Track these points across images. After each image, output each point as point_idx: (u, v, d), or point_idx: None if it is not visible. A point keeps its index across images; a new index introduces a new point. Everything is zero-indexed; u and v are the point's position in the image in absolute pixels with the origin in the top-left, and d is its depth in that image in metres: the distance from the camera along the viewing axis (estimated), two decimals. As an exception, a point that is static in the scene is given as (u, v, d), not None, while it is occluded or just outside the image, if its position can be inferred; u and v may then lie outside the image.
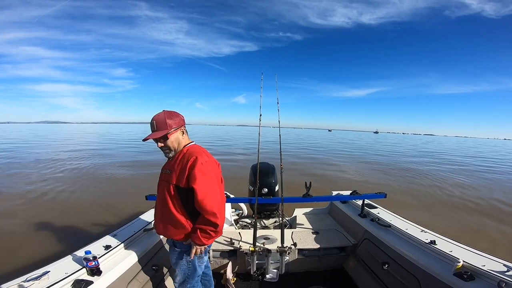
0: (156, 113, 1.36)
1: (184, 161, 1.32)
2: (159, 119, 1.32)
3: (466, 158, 18.47)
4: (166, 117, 1.32)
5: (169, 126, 1.32)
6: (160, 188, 1.43)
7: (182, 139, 1.40)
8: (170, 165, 1.38)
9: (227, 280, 2.01)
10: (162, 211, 1.40)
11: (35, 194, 5.69)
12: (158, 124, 1.31)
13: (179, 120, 1.37)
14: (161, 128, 1.31)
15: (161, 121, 1.31)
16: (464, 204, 5.98)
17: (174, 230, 1.38)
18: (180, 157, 1.36)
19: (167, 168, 1.41)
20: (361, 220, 2.33)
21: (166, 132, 1.31)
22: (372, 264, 1.99)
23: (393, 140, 45.12)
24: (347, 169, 10.55)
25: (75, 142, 21.58)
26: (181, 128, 1.39)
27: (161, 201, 1.40)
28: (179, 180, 1.30)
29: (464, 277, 1.34)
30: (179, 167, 1.33)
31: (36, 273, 1.25)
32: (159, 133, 1.31)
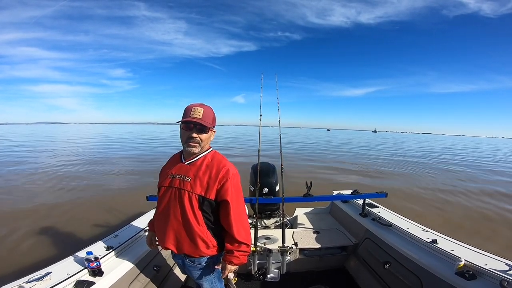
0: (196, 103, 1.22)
1: (213, 170, 1.17)
2: (208, 111, 1.20)
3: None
4: (212, 114, 1.22)
5: (212, 123, 1.22)
6: (172, 196, 1.19)
7: (211, 139, 1.28)
8: (191, 171, 1.19)
9: (228, 280, 2.00)
10: (176, 224, 1.18)
11: (35, 195, 5.68)
12: (206, 114, 1.18)
13: (215, 121, 1.27)
14: (208, 120, 1.19)
15: (210, 114, 1.20)
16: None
17: (193, 248, 1.20)
18: (205, 163, 1.20)
19: (184, 173, 1.19)
20: (362, 220, 2.34)
21: (211, 126, 1.21)
22: (374, 263, 1.99)
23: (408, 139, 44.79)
24: (348, 169, 10.57)
25: (74, 142, 21.53)
26: (214, 128, 1.28)
27: (176, 212, 1.17)
28: (207, 191, 1.16)
29: (466, 276, 1.34)
30: (206, 175, 1.17)
31: (38, 274, 1.25)
32: (206, 123, 1.17)
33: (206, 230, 1.20)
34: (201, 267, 1.27)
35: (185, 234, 1.19)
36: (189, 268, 1.30)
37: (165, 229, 1.21)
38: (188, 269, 1.31)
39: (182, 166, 1.22)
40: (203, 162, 1.21)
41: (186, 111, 1.19)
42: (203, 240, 1.20)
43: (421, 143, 38.74)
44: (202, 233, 1.19)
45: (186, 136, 1.18)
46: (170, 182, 1.21)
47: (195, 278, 1.32)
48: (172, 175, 1.22)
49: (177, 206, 1.18)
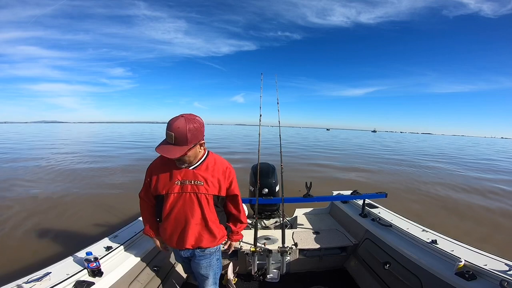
0: (173, 118, 1.13)
1: (220, 171, 1.31)
2: (179, 133, 1.10)
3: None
4: (188, 130, 1.11)
5: (190, 142, 1.13)
6: (187, 201, 1.26)
7: (201, 151, 1.27)
8: (199, 175, 1.26)
9: (228, 280, 2.00)
10: (195, 224, 1.28)
11: (34, 196, 5.66)
12: (177, 139, 1.11)
13: (200, 132, 1.17)
14: (181, 143, 1.12)
15: (182, 136, 1.10)
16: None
17: (211, 240, 1.35)
18: (210, 166, 1.29)
19: (192, 178, 1.25)
20: (362, 220, 2.34)
21: (186, 149, 1.13)
22: (373, 264, 1.99)
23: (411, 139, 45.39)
24: (348, 169, 10.58)
25: (73, 142, 21.49)
26: (202, 141, 1.22)
27: (195, 214, 1.27)
28: (220, 190, 1.32)
29: (466, 277, 1.34)
30: (216, 177, 1.29)
31: (38, 274, 1.25)
32: (177, 151, 1.11)
33: (218, 221, 1.37)
34: (208, 256, 1.40)
35: (205, 231, 1.32)
36: (199, 259, 1.40)
37: (183, 232, 1.30)
38: (197, 261, 1.40)
39: (187, 172, 1.27)
40: (207, 165, 1.30)
41: (165, 132, 1.15)
42: (218, 231, 1.37)
43: (419, 142, 38.95)
44: (217, 225, 1.36)
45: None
46: (181, 188, 1.26)
47: (202, 267, 1.42)
48: (180, 181, 1.26)
49: (195, 209, 1.28)
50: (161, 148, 1.13)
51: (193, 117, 1.16)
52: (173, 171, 1.27)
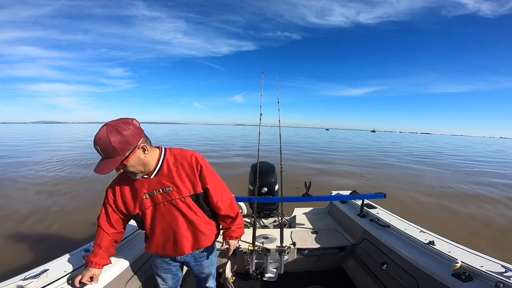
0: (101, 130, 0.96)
1: (185, 165, 1.16)
2: (103, 145, 0.94)
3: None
4: (112, 140, 0.94)
5: (121, 151, 0.96)
6: (164, 211, 1.16)
7: (147, 155, 1.07)
8: (165, 181, 1.13)
9: (226, 279, 2.01)
10: (184, 231, 1.20)
11: (32, 194, 5.65)
12: (104, 152, 0.96)
13: (132, 136, 0.99)
14: (111, 155, 0.96)
15: (107, 147, 0.94)
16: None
17: (207, 239, 1.29)
18: (173, 165, 1.15)
19: (159, 187, 1.13)
20: (360, 220, 2.34)
21: (120, 159, 0.98)
22: (371, 264, 2.00)
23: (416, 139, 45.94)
24: (347, 168, 10.60)
25: (73, 141, 21.42)
26: (140, 145, 1.03)
27: (179, 221, 1.18)
28: (194, 187, 1.17)
29: (462, 278, 1.34)
30: (183, 174, 1.15)
31: (35, 271, 1.24)
32: (110, 164, 0.97)
33: (207, 218, 1.28)
34: (207, 255, 1.37)
35: (198, 233, 1.25)
36: (201, 260, 1.36)
37: (176, 241, 1.22)
38: (199, 263, 1.37)
39: (151, 181, 1.13)
40: (168, 166, 1.14)
41: None
42: (211, 228, 1.30)
43: (416, 143, 39.16)
44: (207, 223, 1.27)
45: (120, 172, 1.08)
46: (152, 201, 1.15)
47: (205, 267, 1.40)
48: (147, 194, 1.14)
49: (178, 217, 1.18)
50: (96, 167, 0.98)
51: (118, 123, 0.98)
52: (135, 186, 1.14)
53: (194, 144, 19.51)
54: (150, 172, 1.12)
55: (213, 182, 1.22)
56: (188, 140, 23.59)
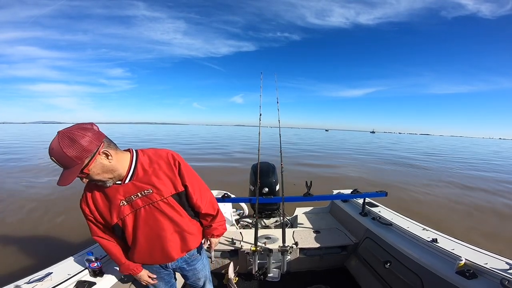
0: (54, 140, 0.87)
1: (161, 164, 1.09)
2: (57, 155, 0.86)
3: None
4: (66, 150, 0.85)
5: (79, 159, 0.88)
6: (145, 217, 1.08)
7: (113, 160, 0.98)
8: (143, 184, 1.06)
9: (229, 280, 2.01)
10: (170, 235, 1.15)
11: (35, 195, 5.64)
12: (61, 162, 0.88)
13: (88, 142, 0.89)
14: (69, 165, 0.88)
15: (62, 157, 0.86)
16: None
17: (195, 239, 1.25)
18: (148, 165, 1.08)
19: (137, 191, 1.05)
20: (362, 219, 2.34)
21: (79, 168, 0.89)
22: (374, 262, 1.99)
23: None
24: (348, 168, 10.60)
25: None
26: (100, 150, 0.93)
27: (163, 225, 1.12)
28: (175, 185, 1.12)
29: (467, 275, 1.34)
30: (161, 173, 1.09)
31: (39, 275, 1.25)
32: (69, 174, 0.89)
33: (190, 218, 1.22)
34: (200, 256, 1.35)
35: (186, 234, 1.19)
36: (194, 262, 1.32)
37: (163, 247, 1.15)
38: (192, 266, 1.33)
39: (127, 187, 1.05)
40: (143, 167, 1.07)
41: None
42: (195, 228, 1.26)
43: (413, 144, 39.23)
44: (191, 222, 1.23)
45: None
46: (131, 207, 1.07)
47: (199, 270, 1.37)
48: (124, 201, 1.05)
49: (162, 220, 1.11)
50: (58, 179, 0.90)
51: (72, 130, 0.89)
52: (109, 194, 1.05)
53: (194, 144, 19.52)
54: (123, 177, 1.04)
55: (192, 179, 1.17)
56: (188, 139, 23.65)
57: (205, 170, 8.65)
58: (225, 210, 2.72)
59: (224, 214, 2.73)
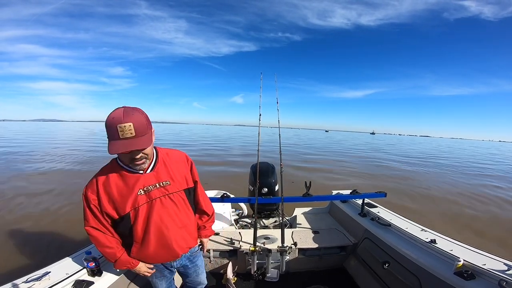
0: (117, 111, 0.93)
1: (178, 160, 1.21)
2: (139, 120, 0.94)
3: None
4: (143, 117, 0.97)
5: (149, 127, 1.00)
6: (159, 207, 1.12)
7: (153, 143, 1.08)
8: (161, 175, 1.12)
9: (227, 280, 2.01)
10: (178, 228, 1.17)
11: (33, 194, 5.63)
12: (139, 127, 0.94)
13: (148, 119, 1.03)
14: (144, 131, 0.96)
15: (142, 122, 0.96)
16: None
17: (196, 236, 1.32)
18: (167, 159, 1.17)
19: (156, 181, 1.11)
20: (361, 219, 2.34)
21: (151, 136, 1.01)
22: (373, 263, 1.99)
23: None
24: (347, 169, 10.61)
25: (74, 140, 21.40)
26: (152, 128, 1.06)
27: (174, 218, 1.15)
28: (187, 181, 1.22)
29: (465, 276, 1.34)
30: (178, 168, 1.18)
31: (37, 274, 1.25)
32: (145, 140, 0.97)
33: (193, 215, 1.31)
34: (199, 253, 1.40)
35: (190, 230, 1.26)
36: (195, 259, 1.37)
37: (170, 242, 1.15)
38: (193, 264, 1.37)
39: (147, 177, 1.09)
40: (164, 161, 1.16)
41: (109, 130, 0.93)
42: (195, 225, 1.33)
43: (403, 146, 39.34)
44: (194, 220, 1.31)
45: (128, 158, 1.01)
46: (147, 197, 1.09)
47: (200, 266, 1.42)
48: (143, 190, 1.08)
49: (174, 213, 1.15)
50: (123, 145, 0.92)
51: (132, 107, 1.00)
52: (128, 183, 1.07)
53: (194, 144, 19.53)
54: (148, 166, 1.09)
55: (198, 178, 1.31)
56: (188, 138, 23.65)
57: (204, 170, 8.65)
58: (224, 210, 2.72)
59: (223, 214, 2.74)
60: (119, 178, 1.06)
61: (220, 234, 2.34)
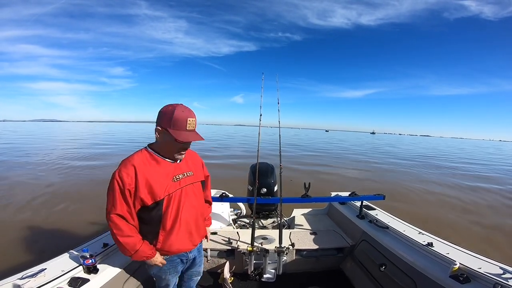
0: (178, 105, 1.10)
1: (194, 157, 1.38)
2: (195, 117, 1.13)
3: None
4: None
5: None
6: (186, 195, 1.22)
7: None
8: (186, 166, 1.26)
9: (224, 279, 2.00)
10: (198, 216, 1.31)
11: (31, 192, 5.62)
12: (195, 123, 1.14)
13: None
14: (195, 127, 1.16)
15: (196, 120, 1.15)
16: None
17: (205, 228, 1.44)
18: (187, 156, 1.29)
19: (184, 171, 1.24)
20: (359, 221, 2.34)
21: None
22: (369, 265, 2.00)
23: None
24: (345, 170, 10.61)
25: (73, 140, 21.37)
26: None
27: (196, 205, 1.28)
28: (202, 174, 1.38)
29: (460, 279, 1.35)
30: (195, 163, 1.35)
31: (32, 271, 1.24)
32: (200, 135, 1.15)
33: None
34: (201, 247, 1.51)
35: (203, 219, 1.41)
36: (201, 253, 1.48)
37: (193, 229, 1.27)
38: (199, 257, 1.46)
39: (178, 166, 1.22)
40: (186, 155, 1.28)
41: (178, 121, 1.07)
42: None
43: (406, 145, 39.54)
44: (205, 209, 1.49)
45: (178, 147, 1.14)
46: (179, 184, 1.19)
47: (203, 256, 1.52)
48: (175, 178, 1.18)
49: (196, 201, 1.30)
50: (190, 135, 1.10)
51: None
52: (164, 169, 1.15)
53: (195, 144, 19.42)
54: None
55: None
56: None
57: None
58: (222, 209, 2.71)
59: (221, 213, 2.73)
60: (156, 164, 1.14)
61: (218, 233, 2.34)
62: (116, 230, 1.10)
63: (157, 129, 1.11)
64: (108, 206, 1.10)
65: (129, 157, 1.12)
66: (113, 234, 1.12)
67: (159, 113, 1.11)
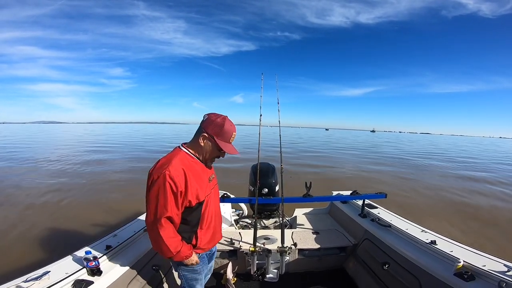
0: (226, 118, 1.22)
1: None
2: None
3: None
4: None
5: None
6: (214, 196, 1.36)
7: None
8: (211, 170, 1.37)
9: (227, 280, 2.00)
10: (219, 216, 1.44)
11: (34, 195, 5.63)
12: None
13: None
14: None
15: None
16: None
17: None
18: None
19: (211, 174, 1.35)
20: (361, 220, 2.34)
21: None
22: (372, 264, 1.99)
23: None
24: (346, 169, 10.59)
25: (73, 142, 21.40)
26: None
27: (217, 206, 1.40)
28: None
29: (465, 277, 1.34)
30: (211, 168, 1.40)
31: (37, 273, 1.24)
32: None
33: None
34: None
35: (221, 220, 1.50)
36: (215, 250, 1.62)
37: (217, 228, 1.38)
38: (214, 252, 1.60)
39: (209, 170, 1.34)
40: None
41: (226, 133, 1.20)
42: None
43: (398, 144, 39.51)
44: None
45: (216, 155, 1.26)
46: (211, 186, 1.32)
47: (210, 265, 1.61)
48: (208, 179, 1.31)
49: (217, 199, 1.42)
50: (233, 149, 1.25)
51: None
52: (202, 172, 1.25)
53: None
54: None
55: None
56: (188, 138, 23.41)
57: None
58: (224, 210, 2.71)
59: (223, 214, 2.73)
60: (198, 167, 1.22)
61: None
62: (163, 232, 1.07)
63: (203, 135, 1.18)
64: (159, 209, 1.05)
65: (172, 157, 1.12)
66: (157, 237, 1.08)
67: (208, 120, 1.19)
